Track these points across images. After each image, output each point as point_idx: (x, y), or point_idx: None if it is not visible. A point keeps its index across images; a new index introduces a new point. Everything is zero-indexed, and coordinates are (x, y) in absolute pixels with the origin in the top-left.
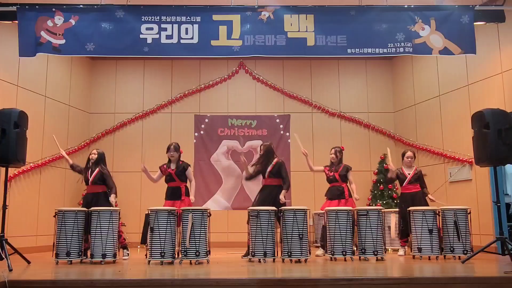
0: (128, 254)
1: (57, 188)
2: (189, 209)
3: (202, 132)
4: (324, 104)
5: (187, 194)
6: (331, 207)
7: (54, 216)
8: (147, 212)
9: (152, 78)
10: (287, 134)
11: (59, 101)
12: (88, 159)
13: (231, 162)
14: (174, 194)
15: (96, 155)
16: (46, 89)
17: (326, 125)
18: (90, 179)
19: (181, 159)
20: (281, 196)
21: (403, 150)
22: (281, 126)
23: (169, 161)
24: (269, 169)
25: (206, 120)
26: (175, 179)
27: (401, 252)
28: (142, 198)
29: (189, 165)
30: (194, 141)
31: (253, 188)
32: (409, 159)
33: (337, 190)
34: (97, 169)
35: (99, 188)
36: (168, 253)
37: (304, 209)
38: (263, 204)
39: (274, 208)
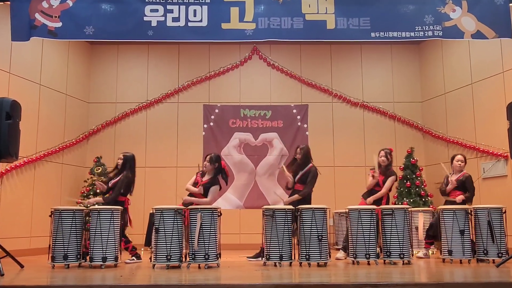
0: (133, 259)
1: (53, 185)
2: (197, 208)
3: (211, 123)
4: (346, 93)
5: None
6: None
7: (50, 216)
8: (151, 212)
9: (157, 64)
10: (305, 125)
11: (55, 90)
12: (116, 165)
13: (244, 156)
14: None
15: (122, 160)
16: (41, 77)
17: (347, 116)
18: (110, 185)
19: (191, 153)
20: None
21: (454, 154)
22: (299, 117)
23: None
24: (299, 175)
25: (216, 111)
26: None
27: (420, 254)
28: (146, 196)
29: (217, 185)
30: (203, 133)
31: (268, 185)
32: (459, 163)
33: (373, 194)
34: (120, 176)
35: (121, 197)
36: (175, 256)
37: (323, 208)
38: None
39: (290, 207)
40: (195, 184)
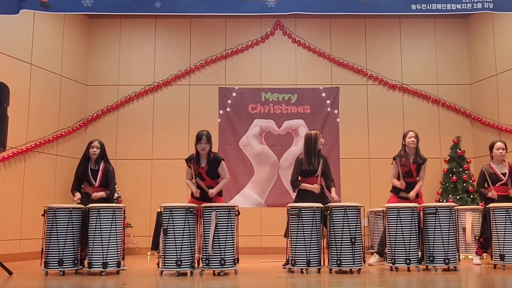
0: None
1: (47, 179)
2: (212, 206)
3: (228, 109)
4: (382, 74)
5: (220, 194)
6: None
7: (43, 215)
8: (159, 210)
9: (166, 41)
10: (336, 111)
11: (49, 70)
12: (86, 156)
13: (265, 146)
14: (205, 194)
15: (99, 149)
16: (32, 55)
17: (384, 100)
18: (97, 182)
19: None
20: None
21: (492, 141)
22: (328, 101)
23: (198, 154)
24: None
25: (234, 94)
26: (206, 178)
27: (476, 260)
28: (152, 192)
29: (223, 160)
30: (219, 120)
31: None
32: (500, 152)
33: (411, 188)
34: (102, 166)
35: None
36: (186, 261)
37: (357, 207)
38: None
39: (319, 204)
40: (199, 174)
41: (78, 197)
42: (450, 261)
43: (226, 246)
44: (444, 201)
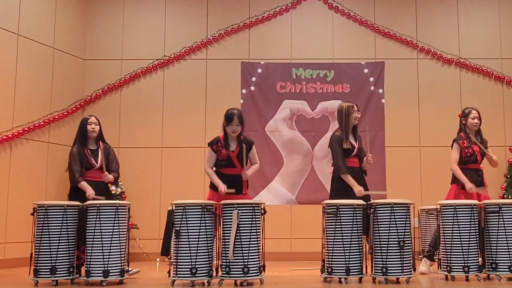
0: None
1: (36, 171)
2: (233, 204)
3: (252, 88)
4: (436, 47)
5: (246, 188)
6: (453, 200)
7: (32, 214)
8: (170, 208)
9: (179, 7)
10: (380, 90)
11: (39, 42)
12: (83, 135)
13: (296, 132)
14: (233, 185)
15: (98, 125)
16: (20, 24)
17: (438, 77)
18: (98, 163)
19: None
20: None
21: None
22: (371, 78)
23: (226, 137)
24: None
25: (259, 71)
26: (236, 164)
27: None
28: (162, 186)
29: (254, 142)
30: (241, 101)
31: (328, 172)
32: None
33: (476, 175)
34: (101, 146)
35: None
36: (202, 269)
37: (406, 204)
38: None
39: (361, 202)
40: (223, 161)
41: (91, 192)
42: None
43: (250, 251)
44: (509, 197)
